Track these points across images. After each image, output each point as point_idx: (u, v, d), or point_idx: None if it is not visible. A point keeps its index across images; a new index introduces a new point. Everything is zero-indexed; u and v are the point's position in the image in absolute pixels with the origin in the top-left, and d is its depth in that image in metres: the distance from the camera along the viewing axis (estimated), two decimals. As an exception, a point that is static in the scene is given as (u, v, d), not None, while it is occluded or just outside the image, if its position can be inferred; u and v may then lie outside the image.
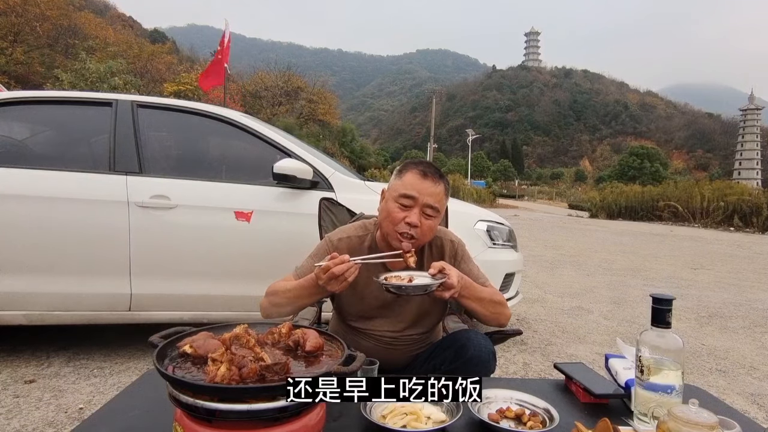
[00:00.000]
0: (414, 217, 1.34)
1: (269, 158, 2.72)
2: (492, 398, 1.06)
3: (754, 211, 14.67)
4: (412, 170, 1.39)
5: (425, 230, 1.37)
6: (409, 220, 1.35)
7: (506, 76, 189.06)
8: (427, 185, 1.36)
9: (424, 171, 1.38)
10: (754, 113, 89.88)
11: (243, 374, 0.76)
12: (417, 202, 1.35)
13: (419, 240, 1.39)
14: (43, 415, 2.05)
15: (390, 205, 1.39)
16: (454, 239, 1.54)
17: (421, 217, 1.36)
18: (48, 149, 2.92)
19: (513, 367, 2.85)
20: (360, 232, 1.51)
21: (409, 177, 1.38)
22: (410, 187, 1.36)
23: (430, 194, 1.36)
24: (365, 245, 1.48)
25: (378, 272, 1.44)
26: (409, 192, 1.35)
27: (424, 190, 1.35)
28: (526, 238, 9.52)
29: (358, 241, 1.49)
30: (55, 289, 2.50)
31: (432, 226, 1.39)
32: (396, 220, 1.36)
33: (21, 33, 26.38)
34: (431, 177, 1.37)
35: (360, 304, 1.47)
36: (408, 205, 1.36)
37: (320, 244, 1.53)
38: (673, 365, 0.95)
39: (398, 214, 1.36)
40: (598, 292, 5.05)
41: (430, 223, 1.38)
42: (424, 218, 1.36)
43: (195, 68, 36.03)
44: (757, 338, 3.63)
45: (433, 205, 1.36)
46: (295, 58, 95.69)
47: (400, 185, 1.38)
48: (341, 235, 1.50)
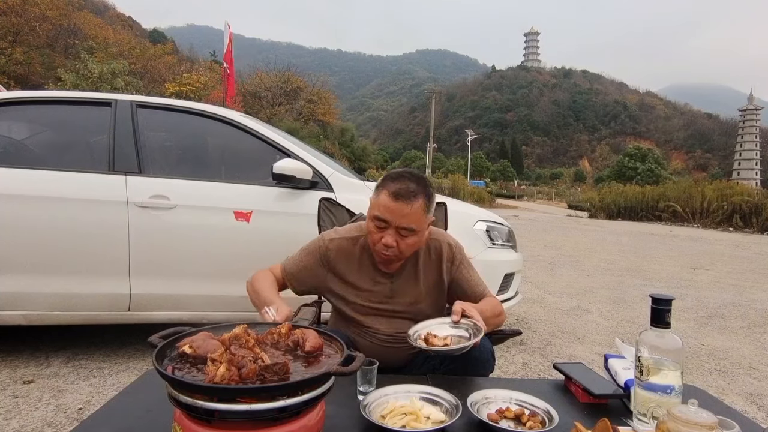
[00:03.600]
0: (389, 239, 1.33)
1: (269, 158, 2.72)
2: (491, 398, 1.06)
3: (754, 211, 14.67)
4: (385, 190, 1.34)
5: (403, 248, 1.36)
6: (384, 241, 1.34)
7: (506, 76, 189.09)
8: (399, 207, 1.31)
9: (396, 193, 1.31)
10: (753, 113, 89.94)
11: (242, 374, 0.76)
12: (390, 224, 1.33)
13: (400, 256, 1.38)
14: (43, 415, 2.04)
15: (368, 223, 1.39)
16: (452, 242, 1.52)
17: (397, 237, 1.34)
18: (48, 149, 2.91)
19: (512, 367, 2.85)
20: (354, 233, 1.51)
21: (382, 198, 1.33)
22: (382, 209, 1.33)
23: (402, 216, 1.31)
24: (358, 246, 1.48)
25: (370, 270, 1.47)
26: (381, 215, 1.33)
27: (396, 211, 1.31)
28: (525, 239, 9.52)
29: (351, 242, 1.48)
30: (54, 289, 2.50)
31: (412, 243, 1.37)
32: (374, 241, 1.37)
33: (21, 33, 26.38)
34: (402, 199, 1.31)
35: (354, 304, 1.47)
36: (382, 227, 1.34)
37: (313, 241, 1.53)
38: (672, 365, 0.95)
39: (375, 234, 1.36)
40: (598, 293, 5.05)
41: (408, 242, 1.35)
42: (400, 238, 1.34)
43: (195, 68, 36.04)
44: (756, 338, 3.63)
45: (406, 226, 1.33)
46: (294, 58, 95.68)
47: (374, 205, 1.36)
48: (334, 236, 1.51)
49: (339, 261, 1.47)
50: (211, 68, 35.92)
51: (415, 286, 1.47)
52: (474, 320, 1.23)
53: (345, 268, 1.47)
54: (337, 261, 1.47)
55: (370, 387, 1.07)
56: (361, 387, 1.08)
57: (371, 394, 1.02)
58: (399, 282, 1.47)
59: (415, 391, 1.05)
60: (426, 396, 1.03)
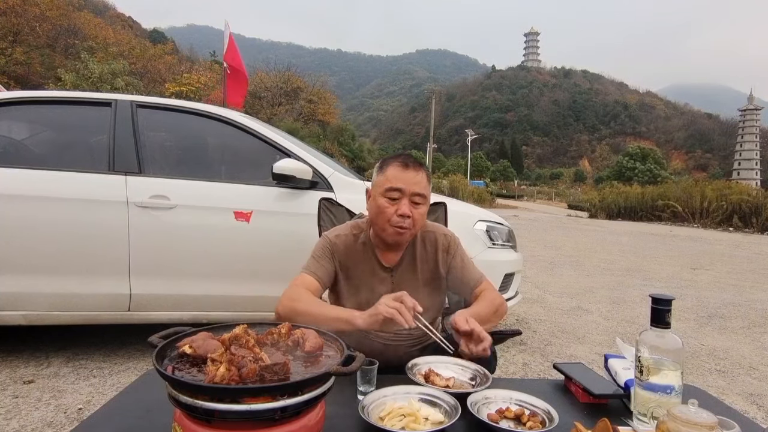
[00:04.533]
0: (405, 208, 1.39)
1: (269, 158, 2.72)
2: (491, 398, 1.06)
3: (754, 211, 14.67)
4: (393, 164, 1.43)
5: (417, 218, 1.42)
6: (401, 212, 1.38)
7: (506, 76, 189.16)
8: (411, 175, 1.40)
9: (404, 162, 1.42)
10: (753, 113, 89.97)
11: (242, 374, 0.76)
12: (404, 192, 1.40)
13: (413, 229, 1.43)
14: (43, 415, 2.04)
15: (379, 201, 1.42)
16: (447, 233, 1.57)
17: (411, 206, 1.40)
18: (48, 149, 2.92)
19: (512, 367, 2.85)
20: (355, 230, 1.54)
21: (391, 170, 1.42)
22: (395, 179, 1.40)
23: (415, 183, 1.40)
24: (360, 242, 1.51)
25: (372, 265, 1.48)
26: (394, 185, 1.40)
27: (408, 179, 1.40)
28: (525, 239, 9.53)
29: (354, 239, 1.51)
30: (54, 290, 2.50)
31: (422, 213, 1.44)
32: (388, 215, 1.40)
33: (21, 33, 26.38)
34: (412, 166, 1.42)
35: (355, 300, 1.48)
36: (396, 198, 1.40)
37: (320, 242, 1.54)
38: (672, 365, 0.95)
39: (389, 208, 1.40)
40: (598, 293, 5.05)
41: (420, 211, 1.42)
42: (414, 207, 1.41)
43: (195, 68, 36.05)
44: (756, 338, 3.63)
45: (419, 192, 1.41)
46: (294, 58, 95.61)
47: (384, 180, 1.42)
48: (338, 233, 1.53)
49: (344, 256, 1.49)
50: (211, 68, 35.94)
51: (413, 278, 1.50)
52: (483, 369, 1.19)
53: (349, 263, 1.49)
54: (343, 256, 1.49)
55: (370, 387, 1.07)
56: (361, 387, 1.08)
57: (370, 396, 1.02)
58: (399, 274, 1.50)
59: (414, 392, 1.04)
60: (425, 397, 1.03)
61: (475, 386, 1.11)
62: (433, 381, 1.11)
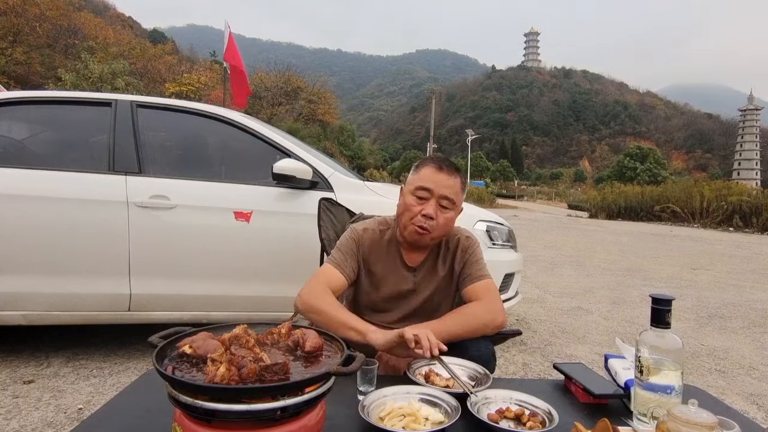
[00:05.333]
0: (430, 209, 1.38)
1: (269, 158, 2.72)
2: (491, 398, 1.06)
3: (754, 211, 14.66)
4: (429, 164, 1.43)
5: (441, 223, 1.40)
6: (425, 212, 1.38)
7: (506, 76, 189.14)
8: (443, 177, 1.40)
9: (440, 164, 1.42)
10: (753, 114, 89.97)
11: (242, 374, 0.76)
12: (433, 193, 1.39)
13: (436, 233, 1.41)
14: (43, 415, 2.04)
15: (407, 198, 1.42)
16: (471, 236, 1.56)
17: (438, 209, 1.39)
18: (48, 149, 2.91)
19: (513, 367, 2.85)
20: (382, 226, 1.53)
21: (425, 170, 1.42)
22: (426, 179, 1.40)
23: (445, 186, 1.39)
24: (386, 238, 1.51)
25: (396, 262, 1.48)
26: (424, 184, 1.40)
27: (439, 182, 1.40)
28: (525, 239, 9.52)
29: (380, 234, 1.51)
30: (54, 290, 2.49)
31: (449, 218, 1.42)
32: (413, 213, 1.40)
33: (21, 33, 26.39)
34: (446, 170, 1.41)
35: (374, 296, 1.50)
36: (424, 197, 1.40)
37: (347, 234, 1.53)
38: (672, 365, 0.95)
39: (415, 206, 1.40)
40: (598, 293, 5.05)
41: (446, 216, 1.41)
42: (441, 210, 1.40)
43: (195, 68, 36.06)
44: (756, 338, 3.63)
45: (448, 196, 1.40)
46: (294, 58, 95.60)
47: (416, 179, 1.43)
48: (366, 226, 1.53)
49: (369, 251, 1.49)
50: (211, 68, 35.97)
51: (435, 279, 1.51)
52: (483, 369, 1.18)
53: (373, 259, 1.49)
54: (368, 251, 1.49)
55: (370, 387, 1.07)
56: (362, 387, 1.08)
57: (370, 395, 1.02)
58: (421, 275, 1.50)
59: (414, 392, 1.04)
60: (425, 397, 1.03)
61: (475, 386, 1.11)
62: (433, 381, 1.11)
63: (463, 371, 1.20)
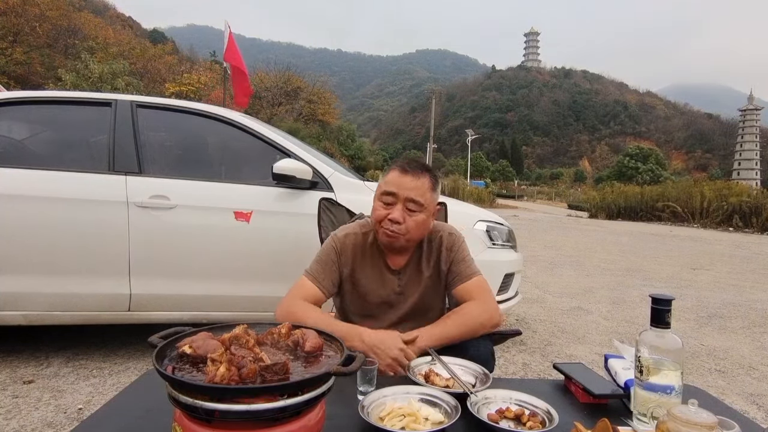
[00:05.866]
0: (396, 214, 1.36)
1: (269, 158, 2.72)
2: (491, 398, 1.06)
3: (754, 211, 14.66)
4: (394, 168, 1.42)
5: (411, 226, 1.37)
6: (391, 216, 1.36)
7: (506, 76, 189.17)
8: (407, 180, 1.37)
9: (404, 167, 1.40)
10: (753, 113, 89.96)
11: (242, 374, 0.76)
12: (398, 197, 1.37)
13: (409, 235, 1.38)
14: (42, 415, 2.04)
15: (375, 203, 1.42)
16: (453, 232, 1.53)
17: (405, 213, 1.36)
18: (47, 149, 2.91)
19: (512, 367, 2.85)
20: (364, 228, 1.51)
21: (390, 175, 1.41)
22: (390, 183, 1.39)
23: (410, 188, 1.36)
24: (369, 241, 1.49)
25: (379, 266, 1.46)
26: (389, 188, 1.38)
27: (403, 184, 1.37)
28: (525, 239, 9.52)
29: (363, 237, 1.49)
30: (55, 290, 2.50)
31: (419, 221, 1.38)
32: (379, 218, 1.38)
33: (21, 33, 26.39)
34: (411, 172, 1.38)
35: (362, 302, 1.48)
36: (390, 202, 1.38)
37: (326, 243, 1.50)
38: (672, 365, 0.95)
39: (381, 211, 1.38)
40: (598, 293, 5.05)
41: (415, 219, 1.37)
42: (408, 214, 1.37)
43: (195, 68, 36.06)
44: (756, 338, 3.63)
45: (414, 198, 1.36)
46: (294, 58, 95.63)
47: (382, 183, 1.42)
48: (347, 231, 1.50)
49: (351, 256, 1.47)
50: (211, 68, 35.98)
51: (419, 280, 1.48)
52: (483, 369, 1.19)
53: (356, 263, 1.47)
54: (350, 256, 1.46)
55: (370, 387, 1.07)
56: (361, 387, 1.08)
57: (370, 395, 1.02)
58: (406, 277, 1.48)
59: (414, 392, 1.04)
60: (425, 397, 1.03)
61: (475, 386, 1.11)
62: (433, 381, 1.11)
63: (462, 371, 1.20)
